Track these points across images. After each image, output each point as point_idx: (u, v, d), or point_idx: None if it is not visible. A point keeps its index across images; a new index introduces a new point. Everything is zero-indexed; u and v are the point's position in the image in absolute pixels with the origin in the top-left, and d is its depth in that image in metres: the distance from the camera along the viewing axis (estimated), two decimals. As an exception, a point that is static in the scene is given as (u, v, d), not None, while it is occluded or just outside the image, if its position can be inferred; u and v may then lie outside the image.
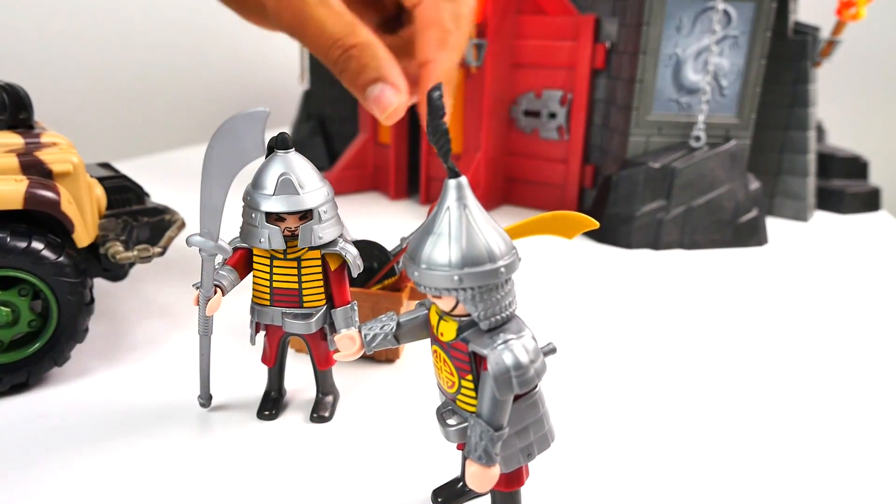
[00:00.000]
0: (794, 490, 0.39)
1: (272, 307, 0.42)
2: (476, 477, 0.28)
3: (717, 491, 0.39)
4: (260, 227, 0.39)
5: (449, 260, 0.27)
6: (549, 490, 0.38)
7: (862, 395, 0.51)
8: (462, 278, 0.27)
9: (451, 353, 0.30)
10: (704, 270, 0.79)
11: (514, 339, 0.28)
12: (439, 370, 0.31)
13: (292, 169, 0.39)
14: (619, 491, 0.39)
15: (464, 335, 0.29)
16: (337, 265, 0.42)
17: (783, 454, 0.43)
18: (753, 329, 0.63)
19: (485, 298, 0.28)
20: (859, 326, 0.64)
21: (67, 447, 0.41)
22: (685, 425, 0.46)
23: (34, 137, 0.47)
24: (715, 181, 0.88)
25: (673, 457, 0.42)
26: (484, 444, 0.28)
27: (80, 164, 0.48)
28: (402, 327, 0.33)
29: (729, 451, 0.43)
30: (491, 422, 0.28)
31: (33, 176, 0.45)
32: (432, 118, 0.27)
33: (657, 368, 0.54)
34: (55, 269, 0.46)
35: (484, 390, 0.28)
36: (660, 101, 0.88)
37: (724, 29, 0.86)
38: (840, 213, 1.09)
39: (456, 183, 0.28)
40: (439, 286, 0.28)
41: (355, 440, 0.43)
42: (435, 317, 0.31)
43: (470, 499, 0.37)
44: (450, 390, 0.31)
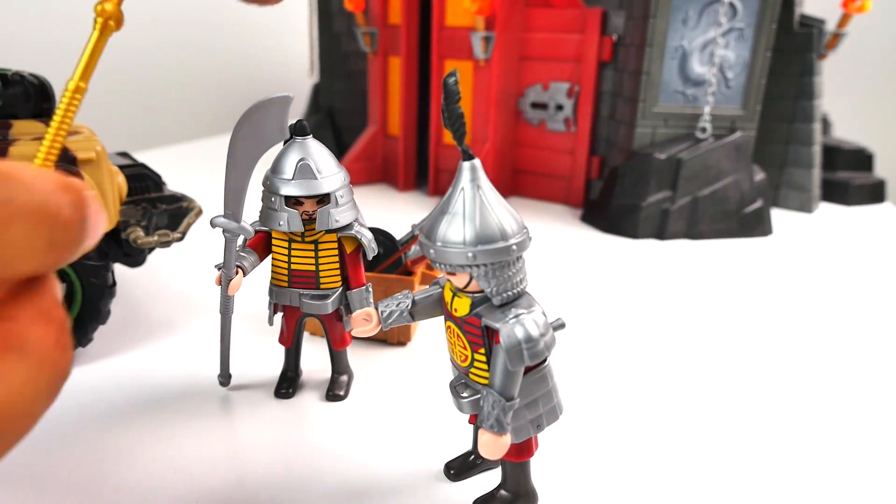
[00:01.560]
0: (795, 482, 0.40)
1: (290, 288, 0.44)
2: (488, 445, 0.30)
3: (720, 478, 0.40)
4: (279, 211, 0.40)
5: (463, 238, 0.29)
6: (557, 469, 0.40)
7: (865, 386, 0.52)
8: (476, 255, 0.28)
9: (464, 328, 0.31)
10: (710, 260, 0.81)
11: (524, 314, 0.29)
12: (453, 345, 0.33)
13: (310, 155, 0.40)
14: (623, 474, 0.40)
15: (477, 310, 0.30)
16: (353, 248, 0.43)
17: (786, 444, 0.44)
18: (757, 318, 0.64)
19: (497, 275, 0.29)
20: (863, 317, 0.65)
21: (92, 425, 0.43)
22: (689, 413, 0.47)
23: None
24: (720, 172, 0.89)
25: (676, 444, 0.43)
26: (496, 414, 0.30)
27: (103, 151, 0.50)
28: (417, 304, 0.34)
29: (732, 439, 0.44)
30: (503, 392, 0.30)
31: (58, 163, 0.47)
32: (448, 103, 0.28)
33: (662, 357, 0.55)
34: (83, 261, 0.47)
35: (496, 362, 0.30)
36: (666, 93, 0.89)
37: (730, 21, 0.87)
38: (845, 205, 1.10)
39: (470, 165, 0.29)
40: (454, 263, 0.29)
41: (369, 417, 0.45)
42: (449, 294, 0.32)
43: (481, 471, 0.39)
44: (463, 364, 0.32)
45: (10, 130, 0.46)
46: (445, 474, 0.38)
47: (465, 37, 0.97)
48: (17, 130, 0.47)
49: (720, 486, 0.39)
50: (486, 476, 0.39)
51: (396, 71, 1.08)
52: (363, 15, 1.07)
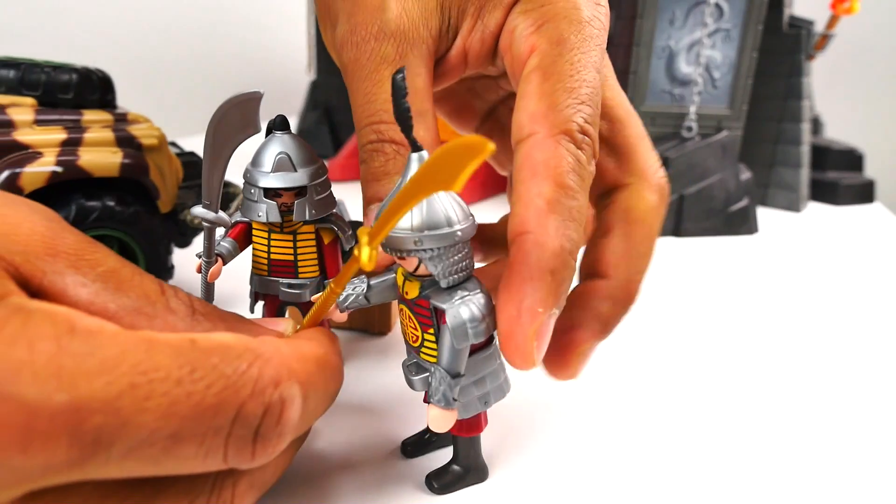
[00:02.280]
0: (778, 480, 0.41)
1: (270, 277, 0.45)
2: (437, 419, 0.32)
3: (703, 475, 0.41)
4: (258, 202, 0.42)
5: (411, 224, 0.30)
6: (541, 474, 0.41)
7: (852, 385, 0.52)
8: (422, 240, 0.30)
9: (415, 310, 0.33)
10: (695, 258, 0.82)
11: (469, 296, 0.31)
12: (405, 326, 0.35)
13: (289, 148, 0.42)
14: (607, 470, 0.41)
15: (426, 292, 0.32)
16: (330, 239, 0.45)
17: (770, 442, 0.44)
18: (742, 315, 0.65)
19: (444, 259, 0.31)
20: (847, 314, 0.66)
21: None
22: (674, 409, 0.48)
23: (121, 115, 0.54)
24: (707, 171, 0.90)
25: (660, 440, 0.44)
26: (443, 389, 0.32)
27: (163, 138, 0.55)
28: (373, 288, 0.36)
29: (717, 436, 0.44)
30: (449, 369, 0.32)
31: (126, 148, 0.52)
32: (396, 97, 0.29)
33: (648, 354, 0.56)
34: (148, 231, 0.53)
35: (443, 341, 0.32)
36: (653, 93, 0.91)
37: (716, 22, 0.88)
38: (834, 205, 1.11)
39: (418, 156, 0.31)
40: (402, 248, 0.31)
41: (341, 401, 0.46)
42: (401, 278, 0.34)
43: (435, 448, 0.40)
44: (414, 344, 0.34)
45: (81, 118, 0.51)
46: (402, 451, 0.40)
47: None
48: (87, 119, 0.51)
49: (704, 483, 0.39)
50: (439, 453, 0.40)
51: (391, 69, 1.09)
52: (359, 13, 1.09)
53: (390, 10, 0.35)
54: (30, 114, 0.49)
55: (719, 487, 0.38)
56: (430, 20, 0.35)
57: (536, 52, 0.33)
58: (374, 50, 0.35)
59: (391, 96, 0.28)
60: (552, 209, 0.29)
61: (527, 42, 0.34)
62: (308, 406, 0.27)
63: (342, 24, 0.37)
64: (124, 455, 0.21)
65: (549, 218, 0.29)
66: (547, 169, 0.30)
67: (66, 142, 0.49)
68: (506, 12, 0.35)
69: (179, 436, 0.22)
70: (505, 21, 0.36)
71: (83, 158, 0.49)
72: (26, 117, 0.48)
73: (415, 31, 0.35)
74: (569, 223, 0.29)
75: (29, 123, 0.48)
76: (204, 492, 0.25)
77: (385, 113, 0.35)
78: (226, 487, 0.26)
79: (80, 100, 0.52)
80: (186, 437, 0.22)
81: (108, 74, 0.55)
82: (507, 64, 0.36)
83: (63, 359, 0.21)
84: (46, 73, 0.51)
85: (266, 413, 0.24)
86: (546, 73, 0.32)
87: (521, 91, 0.33)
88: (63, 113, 0.50)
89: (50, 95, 0.51)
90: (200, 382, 0.22)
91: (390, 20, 0.35)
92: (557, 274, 0.29)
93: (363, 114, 0.36)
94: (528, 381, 0.47)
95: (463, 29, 0.36)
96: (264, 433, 0.24)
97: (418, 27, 0.35)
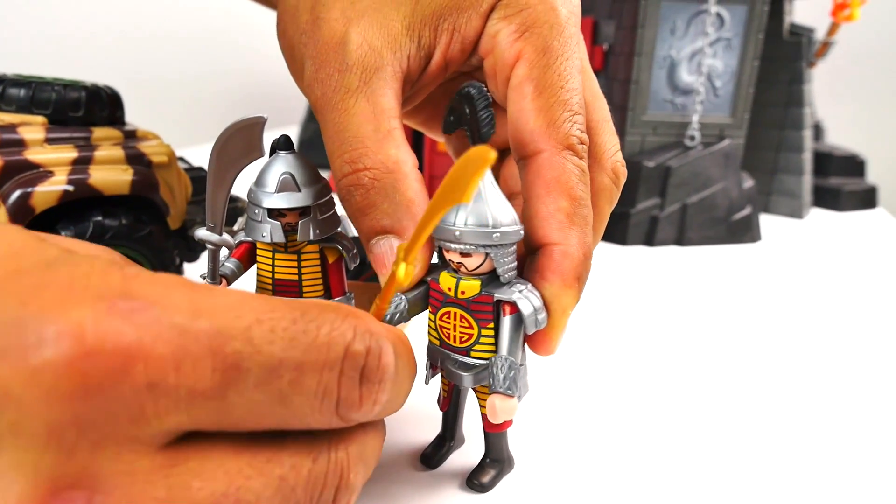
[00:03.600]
0: (781, 489, 0.41)
1: (274, 296, 0.45)
2: (504, 409, 0.33)
3: (704, 482, 0.41)
4: (262, 222, 0.42)
5: (489, 220, 0.32)
6: (542, 482, 0.41)
7: (856, 391, 0.52)
8: (501, 235, 0.32)
9: (472, 308, 0.34)
10: (698, 267, 0.82)
11: (525, 288, 0.34)
12: (451, 328, 0.35)
13: (293, 168, 0.42)
14: (609, 477, 0.41)
15: (487, 288, 0.34)
16: (334, 258, 0.45)
17: (775, 450, 0.44)
18: (746, 324, 0.65)
19: (508, 254, 0.33)
20: (851, 321, 0.66)
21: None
22: (678, 422, 0.47)
23: (130, 132, 0.54)
24: (709, 179, 0.90)
25: (665, 454, 0.44)
26: (512, 376, 0.33)
27: (173, 155, 0.55)
28: (410, 302, 0.37)
29: (720, 445, 0.44)
30: (513, 357, 0.33)
31: (136, 166, 0.52)
32: (483, 106, 0.32)
33: (651, 363, 0.56)
34: (159, 248, 0.53)
35: (504, 332, 0.34)
36: (655, 102, 0.91)
37: (718, 31, 0.88)
38: (837, 211, 1.11)
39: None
40: (480, 243, 0.32)
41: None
42: (451, 281, 0.35)
43: (451, 453, 0.41)
44: (464, 344, 0.35)
45: (91, 136, 0.51)
46: (424, 463, 0.40)
47: (458, 46, 0.99)
48: (97, 136, 0.52)
49: (704, 491, 0.39)
50: (456, 456, 0.41)
51: (392, 79, 1.09)
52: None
53: (351, 44, 0.36)
54: (40, 132, 0.49)
55: (725, 493, 0.38)
56: (396, 45, 0.36)
57: (523, 60, 0.35)
58: (338, 83, 0.36)
59: (468, 106, 0.31)
60: (572, 222, 0.34)
61: (511, 49, 0.36)
62: (398, 372, 0.28)
63: (308, 67, 0.38)
64: (257, 385, 0.24)
65: (572, 230, 0.34)
66: (559, 185, 0.34)
67: (76, 160, 0.49)
68: (483, 20, 0.37)
69: (302, 367, 0.24)
70: (483, 27, 0.37)
71: (94, 177, 0.49)
72: (37, 136, 0.49)
73: (377, 59, 0.36)
74: (586, 230, 0.34)
75: (40, 142, 0.49)
76: (323, 450, 0.27)
77: (360, 137, 0.36)
78: (341, 450, 0.28)
79: (89, 117, 0.52)
80: (308, 369, 0.25)
81: (116, 91, 0.55)
82: (489, 66, 0.37)
83: (196, 300, 0.24)
84: (56, 91, 0.51)
85: (368, 354, 0.26)
86: (538, 86, 0.35)
87: (515, 103, 0.36)
88: (73, 131, 0.51)
89: (60, 113, 0.51)
90: (312, 323, 0.25)
91: (351, 52, 0.36)
92: (583, 279, 0.35)
93: (335, 147, 0.37)
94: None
95: (440, 44, 0.37)
96: (368, 375, 0.27)
97: (381, 54, 0.36)
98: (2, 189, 0.46)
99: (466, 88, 0.33)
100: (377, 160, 0.35)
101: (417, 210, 0.35)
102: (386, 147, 0.35)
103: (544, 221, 0.34)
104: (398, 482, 0.39)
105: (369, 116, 0.35)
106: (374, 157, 0.35)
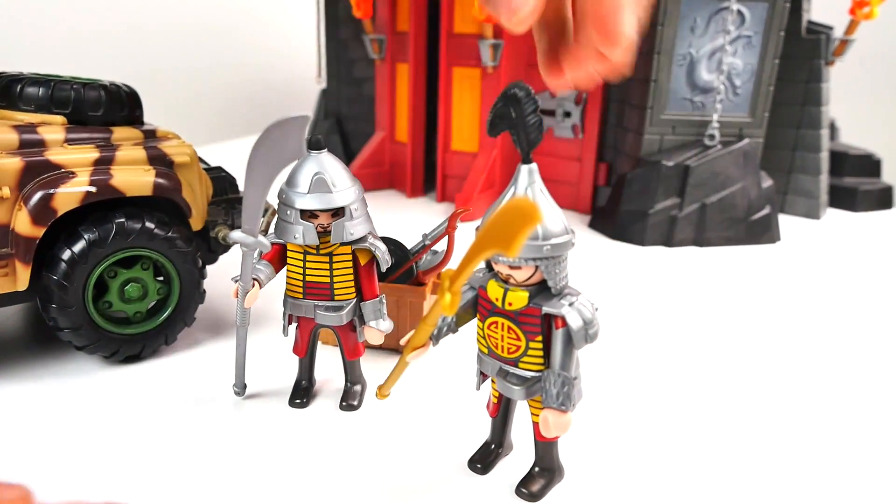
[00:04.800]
0: (800, 488, 0.41)
1: (305, 300, 0.44)
2: (558, 424, 0.32)
3: (723, 482, 0.40)
4: (294, 224, 0.41)
5: (538, 233, 0.32)
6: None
7: (874, 391, 0.52)
8: (552, 248, 0.32)
9: (519, 320, 0.34)
10: (717, 267, 0.81)
11: (576, 300, 0.33)
12: (499, 339, 0.35)
13: (325, 168, 0.41)
14: (627, 478, 0.40)
15: (535, 300, 0.33)
16: (366, 260, 0.44)
17: (794, 450, 0.44)
18: (766, 326, 0.64)
19: (559, 265, 0.33)
20: (871, 324, 0.66)
21: (106, 435, 0.43)
22: (696, 419, 0.47)
23: (150, 132, 0.52)
24: (728, 179, 0.89)
25: (683, 451, 0.44)
26: (566, 391, 0.32)
27: (194, 155, 0.53)
28: (458, 313, 0.36)
29: (740, 446, 0.44)
30: (567, 372, 0.33)
31: (158, 167, 0.51)
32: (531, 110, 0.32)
33: (670, 364, 0.56)
34: (178, 250, 0.51)
35: (556, 346, 0.33)
36: (674, 101, 0.90)
37: (738, 29, 0.87)
38: (853, 211, 1.10)
39: (528, 168, 0.33)
40: (530, 256, 0.32)
41: (383, 426, 0.45)
42: (499, 290, 0.34)
43: (500, 459, 0.40)
44: (512, 356, 0.34)
45: (111, 136, 0.50)
46: (472, 469, 0.40)
47: (474, 44, 0.98)
48: (117, 136, 0.51)
49: (723, 491, 0.39)
50: (506, 463, 0.40)
51: (404, 77, 1.09)
52: (371, 22, 1.08)
53: None
54: (60, 132, 0.48)
55: (760, 495, 0.38)
56: None
57: None
58: None
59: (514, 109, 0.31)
60: None
61: None
62: None
63: None
64: None
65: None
66: None
67: (98, 160, 0.48)
68: None
69: None
70: None
71: (116, 178, 0.48)
72: (57, 136, 0.47)
73: None
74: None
75: (60, 143, 0.47)
76: None
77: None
78: None
79: (109, 117, 0.51)
80: None
81: (135, 90, 0.54)
82: None
83: None
84: (75, 90, 0.49)
85: None
86: None
87: None
88: (93, 131, 0.49)
89: (79, 113, 0.50)
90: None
91: None
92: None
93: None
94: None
95: None
96: None
97: None
98: (23, 191, 0.45)
99: (513, 90, 0.32)
100: None
101: None
102: None
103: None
104: (446, 487, 0.38)
105: None
106: None
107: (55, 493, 0.37)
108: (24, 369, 0.51)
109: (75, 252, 0.47)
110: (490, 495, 0.38)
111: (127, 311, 0.50)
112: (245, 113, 1.69)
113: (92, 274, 0.48)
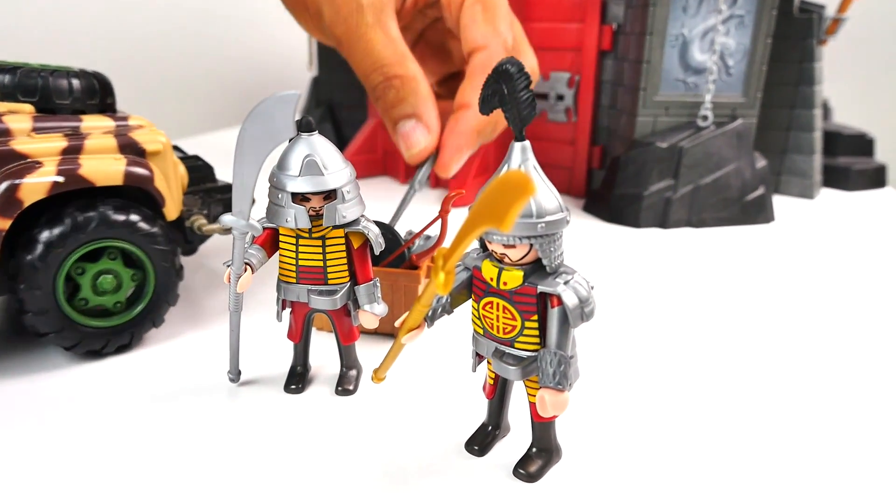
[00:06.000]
0: (794, 472, 0.40)
1: (298, 284, 0.44)
2: (555, 403, 0.32)
3: (718, 466, 0.40)
4: (286, 207, 0.41)
5: (531, 210, 0.31)
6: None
7: (868, 372, 0.52)
8: (546, 225, 0.31)
9: (514, 299, 0.33)
10: (712, 248, 0.81)
11: (571, 278, 0.33)
12: (493, 319, 0.34)
13: (316, 151, 0.40)
14: (623, 460, 0.40)
15: (530, 279, 0.33)
16: (360, 243, 0.43)
17: (789, 429, 0.44)
18: (761, 305, 0.64)
19: (554, 243, 0.32)
20: (866, 302, 0.66)
21: (100, 420, 0.43)
22: (692, 399, 0.47)
23: (122, 120, 0.51)
24: (722, 160, 0.89)
25: (679, 431, 0.43)
26: (562, 370, 0.32)
27: (168, 143, 0.52)
28: (453, 293, 0.36)
29: (735, 425, 0.44)
30: (562, 350, 0.32)
31: (129, 155, 0.49)
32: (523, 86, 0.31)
33: (666, 345, 0.56)
34: (153, 240, 0.50)
35: (552, 325, 0.32)
36: (667, 82, 0.89)
37: (730, 8, 0.87)
38: (846, 190, 1.10)
39: (521, 146, 0.32)
40: (524, 234, 0.31)
41: (380, 410, 0.45)
42: (493, 270, 0.33)
43: (497, 441, 0.40)
44: (507, 336, 0.34)
45: (81, 125, 0.49)
46: (470, 451, 0.39)
47: (465, 28, 0.97)
48: (87, 125, 0.49)
49: (718, 474, 0.39)
50: (503, 444, 0.40)
51: (396, 63, 1.08)
52: (361, 7, 1.07)
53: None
54: (27, 121, 0.46)
55: (725, 482, 0.37)
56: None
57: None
58: (357, 20, 0.49)
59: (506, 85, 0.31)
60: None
61: None
62: None
63: (326, 10, 0.52)
64: None
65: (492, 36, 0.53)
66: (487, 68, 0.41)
67: (66, 150, 0.47)
68: None
69: None
70: None
71: (85, 167, 0.47)
72: (24, 125, 0.46)
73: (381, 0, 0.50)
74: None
75: (27, 132, 0.46)
76: None
77: (385, 58, 0.50)
78: None
79: (79, 105, 0.50)
80: None
81: (107, 78, 0.52)
82: (445, 4, 0.57)
83: None
84: (43, 77, 0.48)
85: None
86: (485, 7, 0.54)
87: (467, 17, 0.55)
88: (62, 119, 0.48)
89: (48, 101, 0.48)
90: None
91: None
92: (482, 133, 0.55)
93: (365, 65, 0.50)
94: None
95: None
96: None
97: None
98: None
99: (504, 66, 0.31)
100: (402, 71, 0.49)
101: (432, 103, 0.50)
102: (406, 63, 0.50)
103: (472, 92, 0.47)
104: (444, 470, 0.38)
105: (387, 43, 0.50)
106: (399, 69, 0.49)
107: (55, 484, 0.37)
108: (14, 365, 0.50)
109: (35, 255, 0.45)
110: (488, 477, 0.37)
111: (105, 303, 0.49)
112: (235, 102, 1.67)
113: (59, 273, 0.46)
